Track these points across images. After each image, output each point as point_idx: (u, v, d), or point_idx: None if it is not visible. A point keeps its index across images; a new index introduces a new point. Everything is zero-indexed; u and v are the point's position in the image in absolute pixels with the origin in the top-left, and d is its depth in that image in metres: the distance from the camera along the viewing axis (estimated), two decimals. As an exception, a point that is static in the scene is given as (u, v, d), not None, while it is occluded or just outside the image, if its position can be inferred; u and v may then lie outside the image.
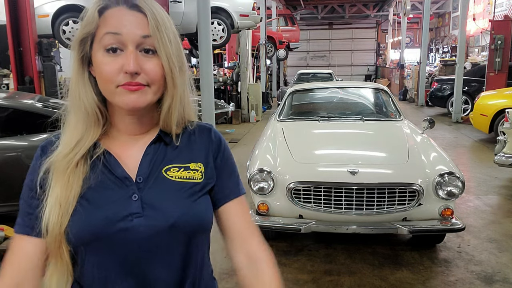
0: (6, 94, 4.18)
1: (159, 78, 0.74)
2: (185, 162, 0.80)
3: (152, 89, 0.74)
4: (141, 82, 0.73)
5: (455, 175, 2.81)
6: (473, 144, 7.29)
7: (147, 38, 0.73)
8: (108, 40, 0.72)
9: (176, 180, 0.78)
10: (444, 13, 20.57)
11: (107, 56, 0.72)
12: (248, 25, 8.22)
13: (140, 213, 0.74)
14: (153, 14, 0.73)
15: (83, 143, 0.75)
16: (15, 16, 5.42)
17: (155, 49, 0.73)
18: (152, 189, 0.76)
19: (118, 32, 0.72)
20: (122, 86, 0.72)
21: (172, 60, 0.75)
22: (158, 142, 0.80)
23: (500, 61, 8.51)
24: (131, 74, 0.71)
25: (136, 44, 0.72)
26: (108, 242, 0.73)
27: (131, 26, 0.72)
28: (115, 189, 0.75)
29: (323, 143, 3.59)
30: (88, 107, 0.76)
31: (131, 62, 0.71)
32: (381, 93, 4.53)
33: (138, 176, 0.77)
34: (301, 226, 2.83)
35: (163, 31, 0.73)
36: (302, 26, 21.78)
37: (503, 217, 3.89)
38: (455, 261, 3.02)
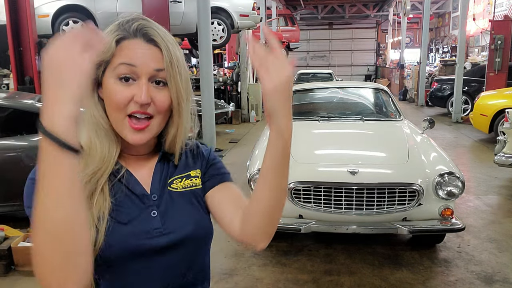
0: (6, 94, 4.19)
1: (166, 109, 0.78)
2: (186, 171, 0.86)
3: (157, 120, 0.78)
4: (150, 113, 0.76)
5: (455, 175, 2.81)
6: (473, 144, 7.29)
7: (160, 71, 0.76)
8: (122, 70, 0.75)
9: (180, 191, 0.84)
10: (444, 13, 20.57)
11: (120, 84, 0.75)
12: (248, 25, 8.23)
13: (161, 228, 0.79)
14: (167, 49, 0.77)
15: (109, 160, 0.78)
16: (15, 16, 5.42)
17: (166, 81, 0.77)
18: (165, 204, 0.81)
19: (133, 63, 0.75)
20: (129, 119, 0.76)
21: (181, 93, 0.79)
22: (163, 160, 0.86)
23: (500, 61, 8.51)
24: (142, 105, 0.75)
25: (149, 76, 0.76)
26: (135, 256, 0.76)
27: (146, 59, 0.75)
28: (135, 206, 0.79)
29: (323, 143, 3.59)
30: (105, 125, 0.78)
31: (143, 94, 0.74)
32: (381, 93, 4.53)
33: (152, 194, 0.81)
34: (301, 226, 2.83)
35: (175, 66, 0.77)
36: (302, 26, 21.77)
37: (503, 217, 3.89)
38: (455, 261, 3.02)
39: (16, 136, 3.67)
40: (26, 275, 2.89)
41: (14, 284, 2.80)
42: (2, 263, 2.90)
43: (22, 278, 2.87)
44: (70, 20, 7.12)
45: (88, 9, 7.14)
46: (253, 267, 2.98)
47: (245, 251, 3.22)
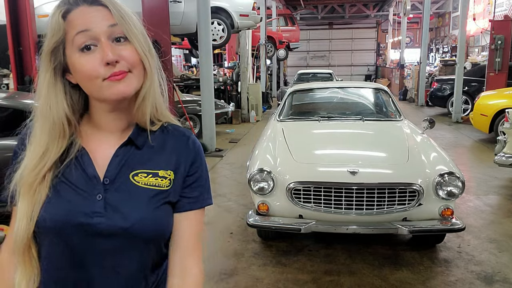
0: (6, 94, 4.18)
1: (138, 62, 0.76)
2: (155, 168, 0.81)
3: (135, 74, 0.76)
4: (123, 69, 0.74)
5: (455, 175, 2.81)
6: (473, 144, 7.29)
7: (115, 26, 0.75)
8: (79, 39, 0.73)
9: (142, 186, 0.79)
10: (444, 13, 20.56)
11: (84, 55, 0.74)
12: (248, 25, 8.22)
13: (102, 213, 0.76)
14: (113, 4, 0.76)
15: (49, 156, 0.76)
16: (15, 16, 5.42)
17: (125, 36, 0.75)
18: (116, 192, 0.78)
19: (87, 28, 0.73)
20: (108, 79, 0.73)
21: (143, 45, 0.77)
22: (129, 144, 0.81)
23: (500, 61, 8.51)
24: (112, 63, 0.73)
25: (107, 35, 0.74)
26: (65, 233, 0.75)
27: (97, 20, 0.74)
28: (83, 185, 0.77)
29: (323, 143, 3.59)
30: (56, 118, 0.76)
31: (109, 52, 0.72)
32: (381, 93, 4.53)
33: (105, 177, 0.78)
34: (301, 226, 2.83)
35: (127, 18, 0.76)
36: (302, 26, 21.76)
37: (503, 217, 3.89)
38: (455, 261, 3.02)
39: (16, 136, 3.67)
40: (26, 275, 2.89)
41: (14, 284, 2.80)
42: (2, 263, 2.90)
43: (22, 278, 2.86)
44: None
45: (88, 9, 7.13)
46: (253, 267, 2.98)
47: (245, 251, 3.22)
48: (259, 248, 3.28)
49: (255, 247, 3.30)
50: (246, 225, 2.99)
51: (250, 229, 3.43)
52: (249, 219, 2.94)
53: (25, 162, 0.77)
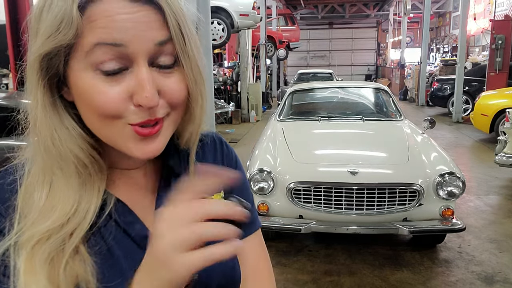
0: (6, 94, 4.18)
1: (184, 98, 0.50)
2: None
3: (172, 118, 0.50)
4: (160, 117, 0.48)
5: (455, 175, 2.80)
6: (473, 144, 7.28)
7: (165, 45, 0.46)
8: (102, 55, 0.44)
9: None
10: (444, 12, 20.55)
11: (104, 80, 0.45)
12: (248, 25, 8.21)
13: None
14: (170, 6, 0.46)
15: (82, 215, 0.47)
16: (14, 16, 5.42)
17: (176, 59, 0.48)
18: None
19: (118, 41, 0.44)
20: (134, 127, 0.46)
21: (199, 72, 0.51)
22: (167, 178, 0.56)
23: (500, 61, 8.49)
24: (149, 108, 0.46)
25: (149, 56, 0.46)
26: None
27: (139, 29, 0.44)
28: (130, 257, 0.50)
29: (323, 143, 3.58)
30: (83, 157, 0.48)
31: (148, 91, 0.45)
32: (382, 93, 4.52)
33: None
34: (301, 226, 2.82)
35: (186, 31, 0.48)
36: (302, 26, 21.76)
37: (503, 217, 3.88)
38: (455, 262, 3.01)
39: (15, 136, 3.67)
40: (25, 276, 2.89)
41: (13, 284, 2.79)
42: (1, 264, 2.89)
43: (21, 278, 2.86)
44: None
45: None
46: (253, 267, 2.97)
47: (245, 251, 3.22)
48: (259, 248, 3.27)
49: (255, 247, 3.29)
50: (246, 225, 2.98)
51: (250, 229, 3.42)
52: (249, 219, 2.93)
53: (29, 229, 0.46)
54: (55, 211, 0.47)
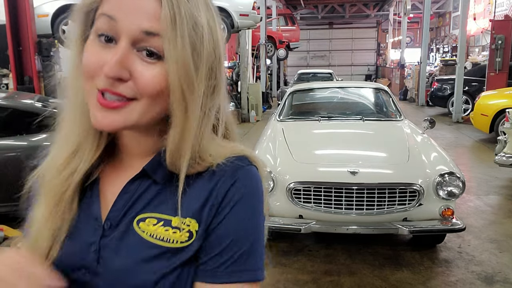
0: (6, 94, 4.18)
1: (155, 91, 0.51)
2: (170, 212, 0.55)
3: (140, 105, 0.51)
4: (124, 94, 0.50)
5: (455, 175, 2.80)
6: (473, 144, 7.28)
7: (152, 36, 0.49)
8: (101, 24, 0.51)
9: (145, 238, 0.54)
10: (444, 12, 20.55)
11: (97, 43, 0.51)
12: (248, 25, 8.21)
13: (93, 269, 0.55)
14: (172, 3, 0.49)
15: (81, 157, 0.56)
16: (14, 16, 5.42)
17: (161, 52, 0.50)
18: (115, 242, 0.55)
19: (113, 15, 0.50)
20: (98, 94, 0.51)
21: (189, 73, 0.50)
22: (145, 178, 0.57)
23: (500, 61, 8.49)
24: (111, 79, 0.49)
25: (132, 39, 0.50)
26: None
27: (132, 12, 0.49)
28: (84, 230, 0.57)
29: (323, 143, 3.58)
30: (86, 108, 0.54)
31: (112, 62, 0.49)
32: (382, 93, 4.52)
33: (106, 220, 0.56)
34: (301, 226, 2.82)
35: (182, 26, 0.49)
36: (302, 26, 21.75)
37: (503, 217, 3.88)
38: (455, 262, 3.01)
39: (15, 136, 3.67)
40: (25, 276, 2.88)
41: (13, 284, 2.79)
42: (1, 263, 2.89)
43: (21, 278, 2.86)
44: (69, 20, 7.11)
45: (88, 9, 7.13)
46: (253, 267, 2.97)
47: (245, 251, 3.22)
48: (259, 248, 3.27)
49: (255, 247, 3.29)
50: (246, 225, 2.98)
51: (250, 229, 3.42)
52: (249, 219, 2.93)
53: (51, 157, 0.59)
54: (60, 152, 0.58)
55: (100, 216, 0.57)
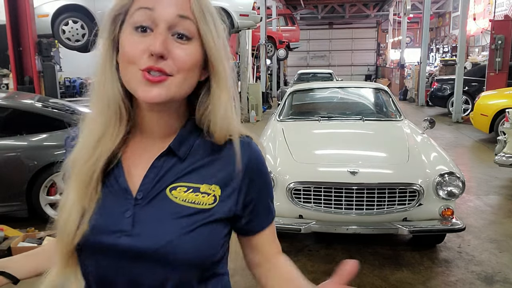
0: (6, 94, 4.18)
1: (189, 66, 0.63)
2: (198, 181, 0.68)
3: (177, 79, 0.63)
4: (164, 69, 0.61)
5: (455, 175, 2.80)
6: (473, 144, 7.28)
7: (185, 20, 0.62)
8: (138, 16, 0.62)
9: (178, 202, 0.67)
10: (444, 12, 20.56)
11: (135, 34, 0.62)
12: (248, 25, 8.22)
13: (129, 232, 0.65)
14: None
15: (105, 143, 0.66)
16: (14, 16, 5.42)
17: (193, 35, 0.63)
18: (149, 208, 0.67)
19: (150, 7, 0.62)
20: (142, 72, 0.61)
21: (219, 51, 0.65)
22: (169, 154, 0.69)
23: (500, 61, 8.50)
24: (156, 57, 0.61)
25: (169, 25, 0.62)
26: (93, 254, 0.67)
27: (167, 2, 0.62)
28: (115, 200, 0.68)
29: (323, 143, 3.58)
30: (111, 97, 0.66)
31: (158, 42, 0.60)
32: (381, 93, 4.52)
33: (138, 192, 0.68)
34: (301, 226, 2.83)
35: (208, 17, 0.64)
36: (302, 26, 21.75)
37: (503, 217, 3.89)
38: (455, 261, 3.01)
39: (15, 136, 3.67)
40: (25, 275, 2.89)
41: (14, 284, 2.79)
42: (2, 263, 2.90)
43: (21, 278, 2.86)
44: (69, 20, 7.12)
45: (87, 9, 7.14)
46: (253, 267, 2.98)
47: (245, 251, 3.22)
48: (259, 248, 3.28)
49: (255, 247, 3.29)
50: (246, 225, 2.99)
51: (250, 229, 3.42)
52: (249, 219, 2.93)
53: (78, 148, 0.68)
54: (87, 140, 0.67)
55: (129, 188, 0.68)
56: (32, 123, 3.76)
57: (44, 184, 3.61)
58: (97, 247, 0.66)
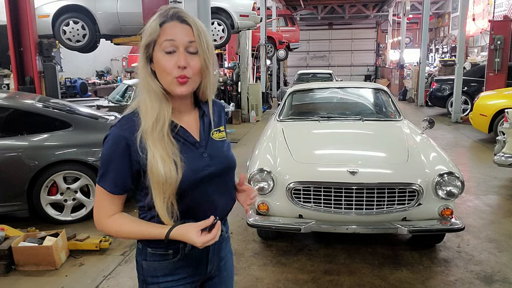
0: (7, 94, 4.19)
1: (197, 72, 1.11)
2: (218, 126, 1.25)
3: (193, 80, 1.12)
4: (187, 75, 1.09)
5: (454, 175, 2.82)
6: (472, 144, 7.30)
7: (192, 43, 1.09)
8: (166, 45, 1.08)
9: (218, 140, 1.23)
10: (443, 13, 20.57)
11: (166, 56, 1.08)
12: (248, 26, 8.23)
13: (210, 163, 1.17)
14: (196, 26, 1.10)
15: (163, 116, 1.09)
16: (15, 17, 5.43)
17: (197, 51, 1.10)
18: (210, 147, 1.19)
19: (173, 39, 1.08)
20: (176, 79, 1.08)
21: (208, 56, 1.12)
22: (203, 117, 1.22)
23: (499, 61, 8.52)
24: (182, 67, 1.07)
25: (185, 47, 1.09)
26: (198, 185, 1.14)
27: (181, 35, 1.08)
28: (192, 150, 1.15)
29: (323, 143, 3.59)
30: (157, 90, 1.10)
31: (182, 59, 1.08)
32: (381, 93, 4.53)
33: (201, 141, 1.18)
34: (301, 226, 2.84)
35: (203, 38, 1.10)
36: (302, 26, 21.76)
37: (502, 217, 3.90)
38: (454, 261, 3.03)
39: (16, 136, 3.68)
40: (26, 275, 2.90)
41: (14, 283, 2.81)
42: (3, 263, 2.91)
43: (22, 278, 2.87)
44: (70, 21, 7.13)
45: (88, 9, 7.15)
46: (253, 266, 2.99)
47: (245, 251, 3.23)
48: (259, 248, 3.29)
49: (255, 247, 3.30)
50: (246, 225, 3.00)
51: (250, 229, 3.44)
52: (249, 219, 2.95)
53: (144, 124, 1.08)
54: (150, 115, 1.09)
55: (197, 140, 1.18)
56: (33, 123, 3.77)
57: (45, 184, 3.62)
58: (199, 181, 1.14)
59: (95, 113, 4.33)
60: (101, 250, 3.22)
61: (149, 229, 1.11)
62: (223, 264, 1.30)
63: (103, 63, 14.95)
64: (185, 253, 1.17)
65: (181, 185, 1.08)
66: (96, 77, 13.38)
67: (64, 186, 3.68)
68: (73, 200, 3.74)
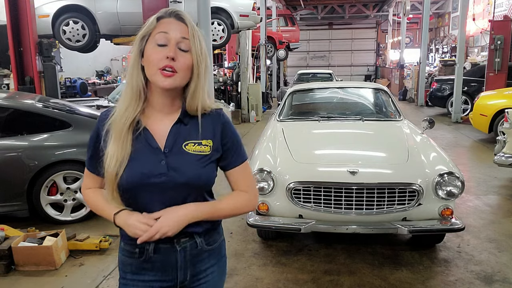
0: (7, 94, 4.19)
1: (186, 68, 1.09)
2: (199, 138, 1.14)
3: (179, 75, 1.08)
4: (174, 67, 1.07)
5: (454, 175, 2.81)
6: (472, 144, 7.30)
7: (185, 40, 1.09)
8: (159, 37, 1.08)
9: (191, 152, 1.13)
10: (443, 13, 20.57)
11: (157, 47, 1.08)
12: (248, 25, 8.23)
13: (166, 173, 1.10)
14: (191, 26, 1.11)
15: (130, 111, 1.10)
16: (15, 16, 5.43)
17: (189, 49, 1.09)
18: (174, 157, 1.12)
19: (166, 31, 1.08)
20: (161, 71, 1.06)
21: (200, 58, 1.10)
22: (179, 123, 1.14)
23: (499, 61, 8.51)
24: (170, 58, 1.06)
25: (176, 42, 1.08)
26: (143, 190, 1.11)
27: (175, 30, 1.09)
28: (150, 155, 1.11)
29: (323, 143, 3.59)
30: (135, 85, 1.11)
31: (172, 51, 1.07)
32: (381, 93, 4.53)
33: (165, 148, 1.12)
34: (301, 226, 2.84)
35: (197, 38, 1.10)
36: (302, 26, 21.76)
37: (502, 217, 3.90)
38: (454, 261, 3.02)
39: (16, 136, 3.67)
40: (26, 275, 2.90)
41: (14, 283, 2.80)
42: (3, 263, 2.90)
43: (22, 278, 2.87)
44: (70, 20, 7.13)
45: (88, 9, 7.15)
46: (253, 267, 2.99)
47: (245, 251, 3.23)
48: (259, 248, 3.29)
49: (255, 247, 3.30)
50: (246, 225, 3.00)
51: (250, 229, 3.44)
52: (249, 219, 2.95)
53: (115, 113, 1.12)
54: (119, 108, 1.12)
55: (159, 146, 1.12)
56: (33, 123, 3.77)
57: (45, 184, 3.62)
58: (146, 186, 1.10)
59: (95, 113, 4.32)
60: (101, 250, 3.22)
61: (105, 207, 1.16)
62: (204, 278, 1.21)
63: (103, 63, 14.95)
64: (149, 256, 1.15)
65: (123, 184, 1.09)
66: (96, 77, 13.40)
67: (64, 186, 3.68)
68: (73, 200, 3.74)
